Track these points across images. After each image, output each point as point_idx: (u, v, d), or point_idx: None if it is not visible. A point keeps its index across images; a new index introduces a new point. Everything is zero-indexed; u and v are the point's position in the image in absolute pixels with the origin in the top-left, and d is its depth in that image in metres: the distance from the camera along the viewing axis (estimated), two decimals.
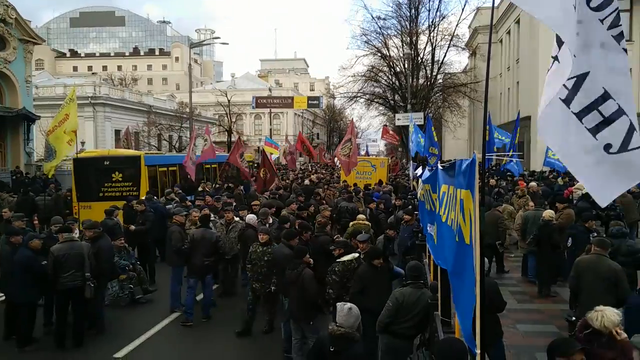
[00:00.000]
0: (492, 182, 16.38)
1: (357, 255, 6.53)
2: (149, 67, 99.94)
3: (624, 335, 3.77)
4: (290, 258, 6.48)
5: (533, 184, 13.47)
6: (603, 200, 3.05)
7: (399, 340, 5.27)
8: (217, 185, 17.31)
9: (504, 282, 9.80)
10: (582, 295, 5.88)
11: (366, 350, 5.87)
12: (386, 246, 8.88)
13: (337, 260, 6.44)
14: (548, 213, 8.95)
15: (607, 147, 2.93)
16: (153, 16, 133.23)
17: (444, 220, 4.41)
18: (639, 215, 12.25)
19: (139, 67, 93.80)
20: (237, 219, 9.56)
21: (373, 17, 35.87)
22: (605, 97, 2.93)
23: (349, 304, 4.11)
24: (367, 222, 9.63)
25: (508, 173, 20.28)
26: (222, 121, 47.33)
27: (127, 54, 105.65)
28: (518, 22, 33.35)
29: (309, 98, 41.45)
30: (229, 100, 43.60)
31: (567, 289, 7.02)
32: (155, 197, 12.76)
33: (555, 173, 18.45)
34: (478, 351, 2.92)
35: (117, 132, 34.49)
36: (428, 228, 6.20)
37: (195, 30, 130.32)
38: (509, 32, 36.27)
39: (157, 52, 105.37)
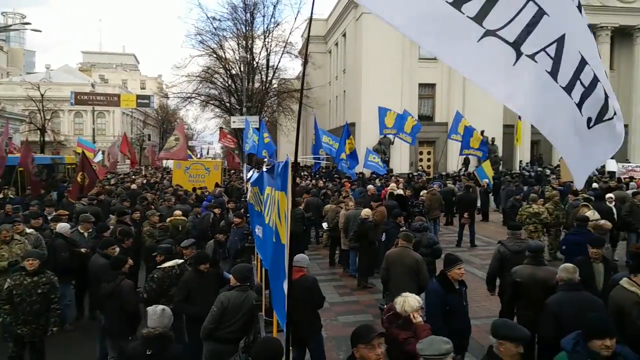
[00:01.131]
0: (320, 183, 17.37)
1: (180, 261, 6.29)
2: None
3: (419, 319, 4.27)
4: (106, 269, 5.95)
5: (371, 187, 14.53)
6: (580, 182, 2.77)
7: (224, 346, 5.19)
8: (27, 192, 15.20)
9: (329, 277, 10.46)
10: (391, 284, 6.54)
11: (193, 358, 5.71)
12: (216, 250, 8.76)
13: (158, 267, 6.12)
14: (365, 212, 9.78)
15: (588, 122, 2.57)
16: None
17: (267, 221, 4.49)
18: (440, 211, 14.15)
19: None
20: (29, 230, 8.30)
21: (208, 17, 35.29)
22: (583, 63, 2.49)
23: (161, 306, 4.00)
24: (183, 217, 9.63)
25: (335, 175, 21.68)
26: (34, 118, 41.66)
27: None
28: (345, 35, 35.94)
29: (139, 97, 38.67)
30: (42, 95, 38.53)
31: None
32: None
33: (375, 175, 20.29)
34: (290, 347, 3.01)
35: None
36: (256, 230, 6.26)
37: (2, 14, 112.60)
38: (337, 44, 38.88)
39: None
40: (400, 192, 13.16)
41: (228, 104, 37.52)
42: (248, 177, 12.01)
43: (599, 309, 4.50)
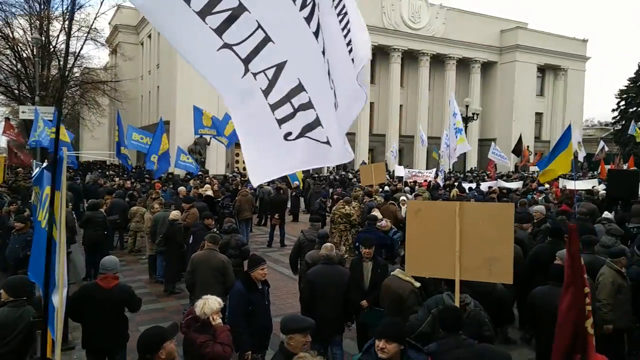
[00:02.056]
0: (128, 184, 16.20)
1: None
2: None
3: (219, 320, 4.23)
4: None
5: (182, 188, 13.85)
6: (255, 179, 3.02)
7: None
8: None
9: (133, 285, 9.72)
10: (197, 287, 6.38)
11: None
12: None
13: None
14: (174, 213, 9.39)
15: (287, 135, 2.91)
16: None
17: (43, 226, 3.95)
18: (252, 212, 14.39)
19: None
20: None
21: None
22: (299, 89, 2.85)
23: None
24: None
25: (146, 175, 20.43)
26: None
27: None
28: None
29: None
30: None
31: None
32: None
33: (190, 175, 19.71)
34: None
35: None
36: None
37: None
38: (150, 37, 36.75)
39: None
40: (210, 193, 12.99)
41: (17, 91, 32.35)
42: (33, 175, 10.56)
43: (344, 279, 5.76)
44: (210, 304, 4.28)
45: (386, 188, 15.62)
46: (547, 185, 18.14)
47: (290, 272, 10.67)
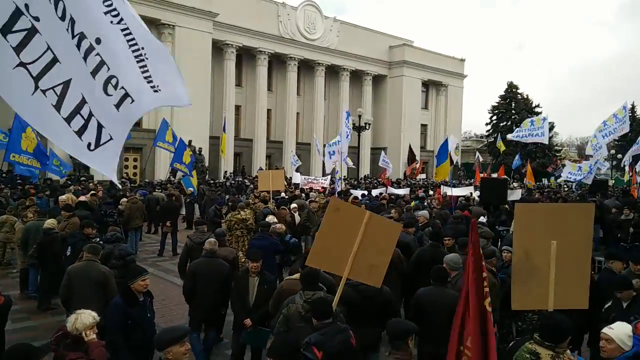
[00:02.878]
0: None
1: None
2: None
3: (92, 336, 3.91)
4: None
5: (63, 196, 12.53)
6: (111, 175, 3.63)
7: None
8: None
9: None
10: (73, 301, 5.86)
11: None
12: None
13: None
14: (50, 222, 8.60)
15: (89, 146, 3.37)
16: None
17: None
18: (142, 220, 13.64)
19: None
20: None
21: None
22: (83, 102, 3.26)
23: None
24: None
25: (18, 180, 18.52)
26: None
27: None
28: None
29: None
30: None
31: None
32: None
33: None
34: None
35: None
36: None
37: None
38: None
39: None
40: (84, 198, 12.08)
41: None
42: None
43: (224, 271, 6.28)
44: (82, 318, 3.97)
45: (282, 195, 15.71)
46: (430, 192, 19.52)
47: (181, 281, 10.31)
